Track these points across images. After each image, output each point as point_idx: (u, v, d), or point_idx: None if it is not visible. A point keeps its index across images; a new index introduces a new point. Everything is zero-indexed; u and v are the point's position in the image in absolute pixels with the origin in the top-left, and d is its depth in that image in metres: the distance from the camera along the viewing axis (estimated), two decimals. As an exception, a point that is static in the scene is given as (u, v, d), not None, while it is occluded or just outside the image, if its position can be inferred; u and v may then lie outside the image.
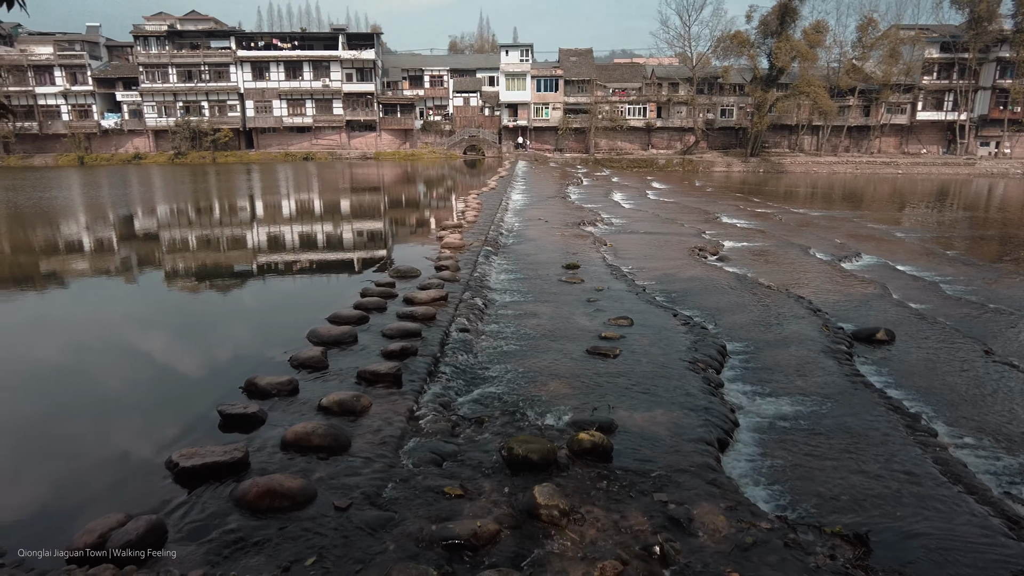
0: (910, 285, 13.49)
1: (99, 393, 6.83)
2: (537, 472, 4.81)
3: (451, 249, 12.92)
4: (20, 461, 5.35)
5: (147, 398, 6.59)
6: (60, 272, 13.76)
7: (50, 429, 5.89)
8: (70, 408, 6.38)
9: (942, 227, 24.69)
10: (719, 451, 5.49)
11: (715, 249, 15.54)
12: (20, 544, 3.99)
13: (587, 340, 8.13)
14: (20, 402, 6.60)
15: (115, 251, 16.43)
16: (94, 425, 5.95)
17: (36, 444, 5.62)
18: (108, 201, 28.19)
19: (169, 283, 12.90)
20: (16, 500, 4.70)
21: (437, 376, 6.68)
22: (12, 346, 8.59)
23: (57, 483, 4.95)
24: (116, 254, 16.03)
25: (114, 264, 14.84)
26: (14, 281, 12.98)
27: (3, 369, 7.65)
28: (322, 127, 59.62)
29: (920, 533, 4.55)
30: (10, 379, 7.29)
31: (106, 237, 18.76)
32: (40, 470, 5.16)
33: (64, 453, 5.40)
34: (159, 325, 9.63)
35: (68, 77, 57.02)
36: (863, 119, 60.68)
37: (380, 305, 8.80)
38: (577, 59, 62.39)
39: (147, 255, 16.07)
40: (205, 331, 9.25)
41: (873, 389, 7.17)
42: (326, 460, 4.91)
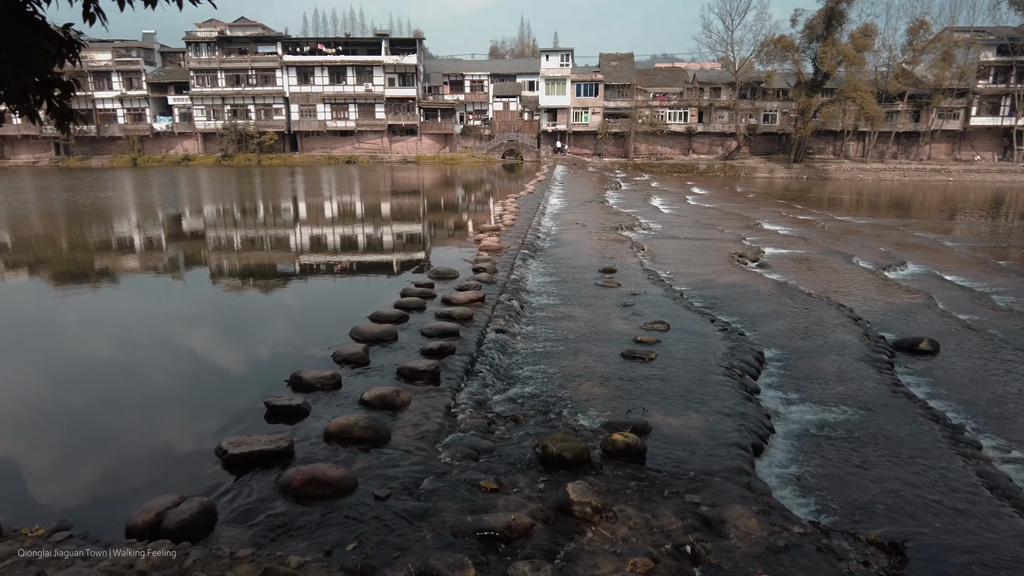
0: (958, 295, 13.15)
1: (154, 384, 7.16)
2: (570, 470, 4.90)
3: (488, 252, 13.09)
4: (84, 445, 5.67)
5: (198, 389, 6.91)
6: (118, 270, 14.38)
7: (110, 417, 6.23)
8: (128, 397, 6.72)
9: (995, 236, 23.87)
10: (753, 456, 5.49)
11: (755, 255, 15.37)
12: (84, 520, 4.26)
13: (623, 343, 8.18)
14: (83, 392, 6.97)
15: (169, 250, 17.07)
16: (150, 413, 6.26)
17: (98, 430, 5.96)
18: (160, 201, 29.24)
19: (219, 281, 13.38)
20: (80, 481, 5.00)
21: (474, 375, 6.82)
22: (77, 340, 9.06)
23: (116, 466, 5.24)
24: (170, 253, 16.65)
25: (168, 262, 15.43)
26: (75, 278, 13.61)
27: (68, 361, 8.08)
28: (364, 131, 60.65)
29: (959, 546, 4.50)
30: (74, 370, 7.70)
31: (159, 236, 19.49)
32: (102, 454, 5.47)
33: (123, 439, 5.72)
34: (210, 321, 10.03)
35: (124, 82, 59.28)
36: (912, 125, 58.99)
37: (419, 305, 8.99)
38: (618, 63, 62.18)
39: (198, 254, 16.66)
40: (253, 327, 9.59)
41: (914, 399, 7.05)
42: (367, 452, 5.08)
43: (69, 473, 5.14)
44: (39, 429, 6.04)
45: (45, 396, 6.86)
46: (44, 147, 60.56)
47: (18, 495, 4.82)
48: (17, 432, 5.94)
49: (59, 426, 6.11)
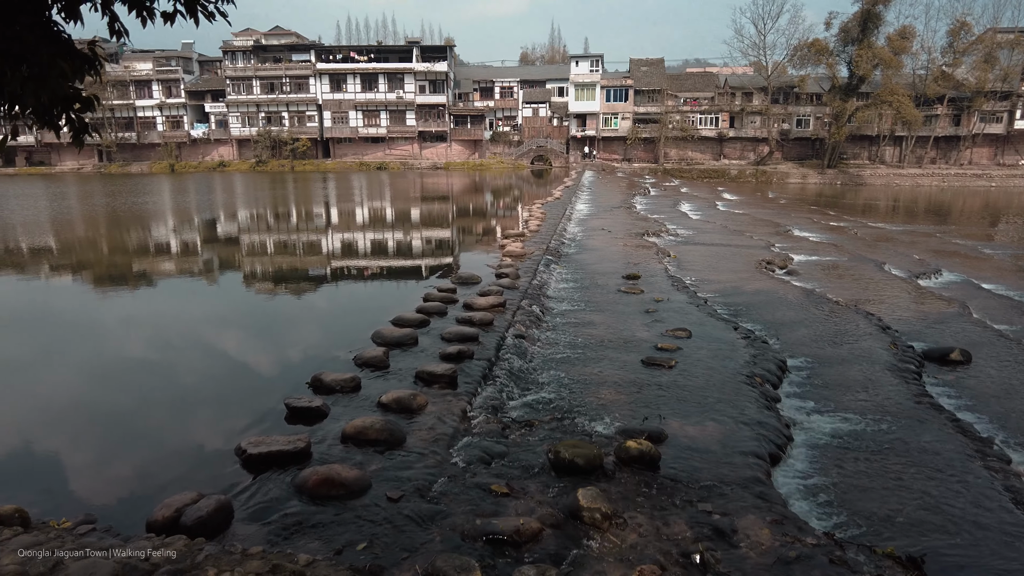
0: (995, 304, 12.77)
1: (180, 384, 7.37)
2: (583, 476, 4.90)
3: (512, 257, 13.14)
4: (110, 443, 5.87)
5: (224, 389, 7.09)
6: (153, 272, 14.81)
7: (141, 415, 6.44)
8: (157, 397, 6.92)
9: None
10: (770, 465, 5.43)
11: (783, 262, 15.15)
12: (108, 514, 4.42)
13: (643, 350, 8.14)
14: (116, 390, 7.22)
15: (202, 253, 17.51)
16: (178, 413, 6.45)
17: (129, 428, 6.16)
18: (193, 206, 30.00)
19: (248, 284, 13.70)
20: (109, 476, 5.18)
21: (491, 379, 6.86)
22: (112, 340, 9.37)
23: (140, 463, 5.41)
24: (203, 256, 17.09)
25: (201, 265, 15.84)
26: (109, 280, 14.04)
27: (103, 360, 8.36)
28: (395, 138, 61.35)
29: (981, 563, 4.39)
30: (109, 370, 7.96)
31: (191, 240, 19.99)
32: (127, 451, 5.66)
33: (151, 436, 5.91)
34: (238, 323, 10.28)
35: (164, 90, 60.98)
36: (952, 129, 57.48)
37: (441, 310, 9.08)
38: (648, 69, 61.90)
39: (227, 257, 17.05)
40: (278, 329, 9.80)
41: (941, 410, 6.88)
42: (382, 454, 5.16)
43: (99, 468, 5.32)
44: (74, 425, 6.27)
45: (81, 394, 7.12)
46: (88, 154, 62.53)
47: (51, 488, 5.01)
48: (53, 428, 6.17)
49: (92, 423, 6.34)
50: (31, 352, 8.54)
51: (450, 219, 25.95)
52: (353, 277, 14.22)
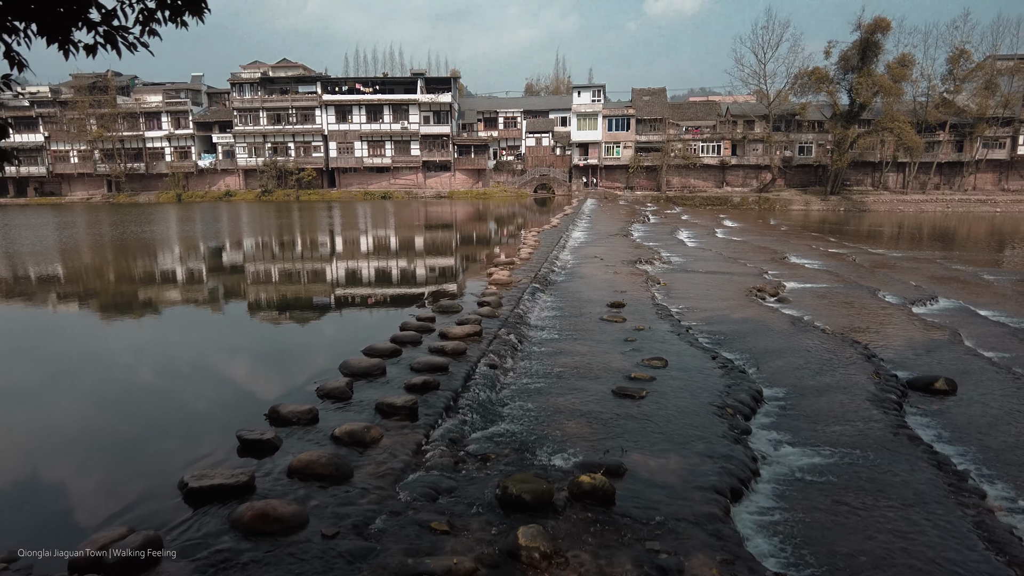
0: (989, 332, 12.53)
1: (134, 414, 7.27)
2: (530, 513, 4.74)
3: (497, 285, 13.06)
4: (52, 475, 5.76)
5: (178, 421, 6.98)
6: (126, 299, 14.83)
7: (84, 446, 6.34)
8: (105, 427, 6.84)
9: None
10: (730, 501, 5.23)
11: (775, 290, 14.98)
12: (33, 549, 4.29)
13: (616, 380, 7.99)
14: (61, 420, 7.13)
15: (184, 281, 17.57)
16: (124, 444, 6.34)
17: (70, 460, 6.05)
18: (188, 235, 30.25)
19: (223, 312, 13.74)
20: (41, 511, 5.05)
21: (455, 411, 6.72)
22: (63, 367, 9.32)
23: (81, 497, 5.29)
24: (183, 284, 17.14)
25: (179, 293, 15.88)
26: (79, 306, 14.08)
27: (52, 388, 8.28)
28: (400, 167, 61.99)
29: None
30: (56, 398, 7.88)
31: (178, 268, 20.08)
32: (69, 484, 5.54)
33: (93, 469, 5.79)
34: (204, 352, 10.23)
35: (172, 122, 62.08)
36: (955, 155, 57.51)
37: (415, 339, 8.98)
38: (650, 98, 62.48)
39: (211, 286, 17.10)
40: (246, 359, 9.74)
41: (919, 443, 6.67)
42: (326, 489, 5.02)
43: (36, 502, 5.20)
44: (16, 455, 6.17)
45: (29, 422, 7.02)
46: (97, 184, 63.51)
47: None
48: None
49: (36, 453, 6.24)
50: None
51: (442, 247, 26.01)
52: (333, 306, 14.19)
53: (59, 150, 62.82)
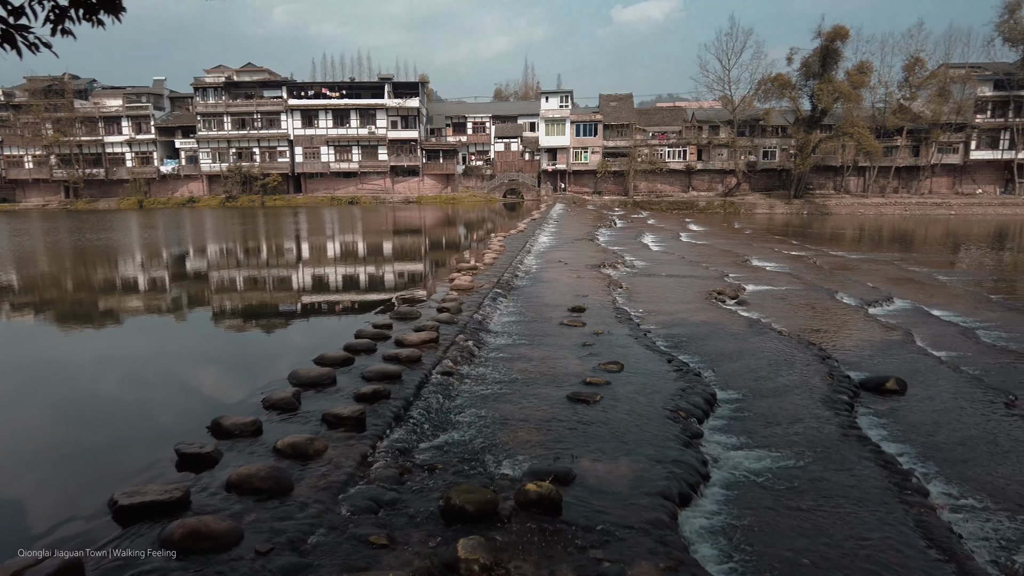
0: (941, 332, 12.81)
1: (68, 428, 7.00)
2: (474, 523, 4.64)
3: (459, 291, 12.95)
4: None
5: (116, 435, 6.73)
6: (67, 306, 14.37)
7: (8, 463, 6.05)
8: (35, 442, 6.56)
9: (991, 270, 23.52)
10: (678, 506, 5.21)
11: (735, 293, 15.14)
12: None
13: (571, 385, 7.94)
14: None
15: (131, 288, 17.11)
16: (54, 461, 6.08)
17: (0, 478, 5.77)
18: (144, 242, 29.57)
19: (173, 320, 13.48)
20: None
21: (405, 421, 6.60)
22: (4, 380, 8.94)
23: (8, 518, 5.04)
24: (130, 291, 16.68)
25: (125, 300, 15.47)
26: (13, 314, 13.60)
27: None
28: (367, 172, 61.49)
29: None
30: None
31: (127, 275, 19.56)
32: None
33: (16, 487, 5.53)
34: (148, 362, 9.94)
35: (134, 127, 60.71)
36: (912, 159, 59.10)
37: (369, 347, 8.82)
38: (617, 104, 63.02)
39: (161, 292, 16.70)
40: (193, 369, 9.49)
41: (867, 443, 6.74)
42: (263, 503, 4.86)
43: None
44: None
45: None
46: (54, 190, 61.78)
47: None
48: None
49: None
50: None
51: (405, 253, 25.81)
52: (287, 314, 13.94)
53: (13, 155, 60.93)
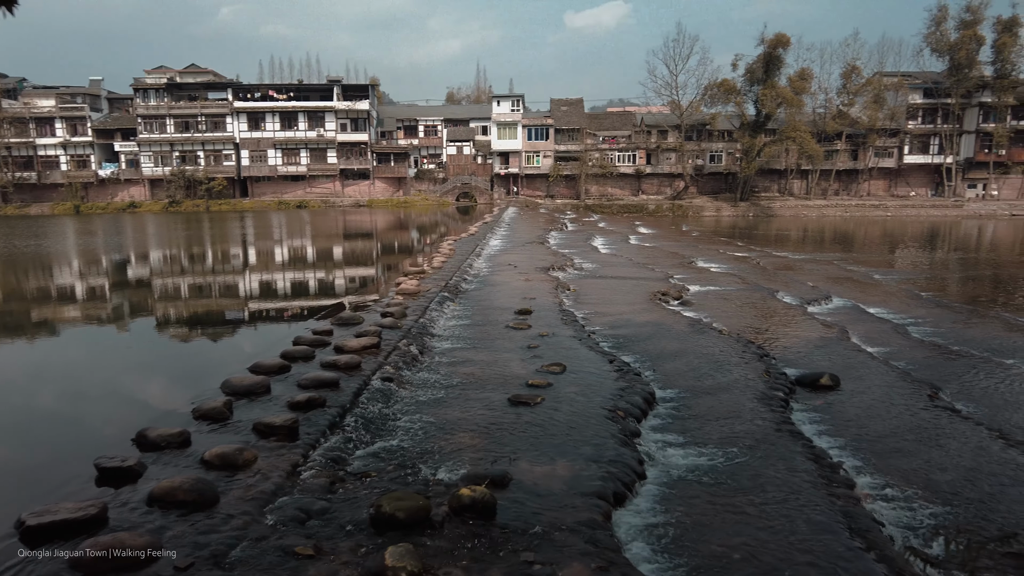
0: (874, 328, 13.28)
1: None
2: (405, 531, 4.56)
3: (404, 295, 12.81)
4: None
5: (32, 450, 6.39)
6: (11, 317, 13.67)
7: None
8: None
9: (922, 269, 24.58)
10: (613, 506, 5.23)
11: (678, 293, 15.40)
12: None
13: (514, 388, 7.92)
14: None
15: (56, 296, 16.37)
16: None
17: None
18: (75, 248, 28.37)
19: (99, 327, 12.98)
20: None
21: (340, 428, 6.46)
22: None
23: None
24: (55, 299, 15.96)
25: (49, 309, 14.75)
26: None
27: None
28: (316, 175, 60.45)
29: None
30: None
31: (52, 283, 18.73)
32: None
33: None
34: (79, 371, 9.55)
35: (68, 128, 58.22)
36: (852, 163, 61.42)
37: (307, 354, 8.63)
38: (568, 108, 63.60)
39: (88, 300, 16.02)
40: (124, 379, 9.12)
41: (800, 437, 6.92)
42: (186, 517, 4.67)
43: None
44: None
45: None
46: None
47: None
48: None
49: None
50: None
51: (351, 258, 25.44)
52: (224, 321, 13.53)
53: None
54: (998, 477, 6.22)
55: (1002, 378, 9.87)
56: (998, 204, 56.45)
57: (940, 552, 5.04)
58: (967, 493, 5.94)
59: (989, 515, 5.53)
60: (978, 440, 7.09)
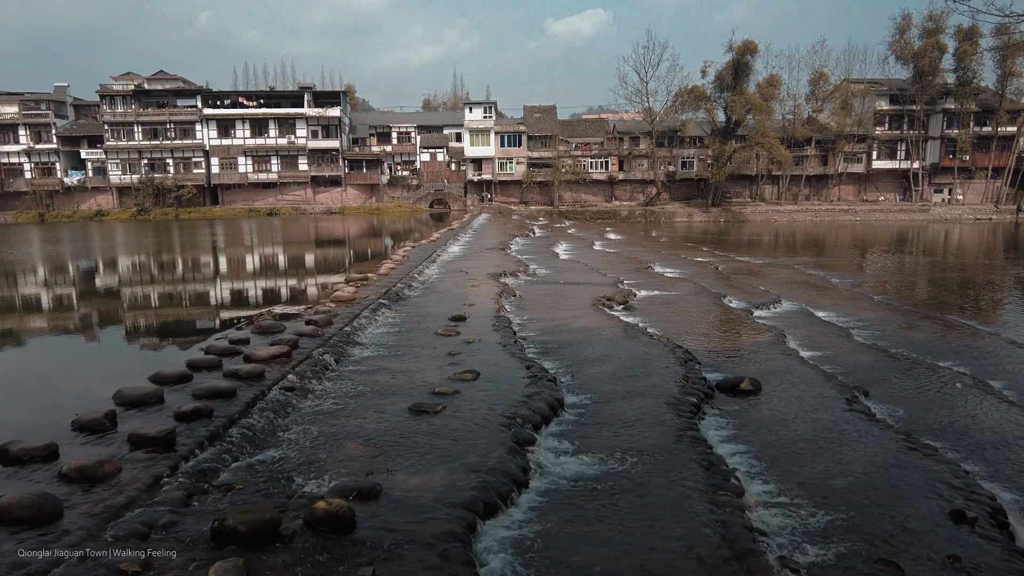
0: (816, 332, 13.28)
1: None
2: (248, 545, 4.38)
3: (338, 303, 12.60)
4: None
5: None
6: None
7: None
8: None
9: (881, 273, 24.81)
10: (481, 517, 5.08)
11: (624, 299, 15.34)
12: None
13: (420, 396, 7.77)
14: None
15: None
16: None
17: None
18: (29, 256, 27.82)
19: (21, 334, 12.59)
20: None
21: (221, 439, 6.25)
22: None
23: None
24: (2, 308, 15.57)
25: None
26: None
27: None
28: (287, 183, 59.95)
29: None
30: None
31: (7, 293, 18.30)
32: None
33: None
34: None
35: (32, 136, 57.23)
36: (821, 168, 62.14)
37: (214, 363, 8.41)
38: (541, 115, 63.74)
39: (27, 306, 15.62)
40: (13, 388, 8.84)
41: (700, 444, 6.81)
42: (17, 534, 4.45)
43: None
44: None
45: None
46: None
47: None
48: None
49: None
50: None
51: (299, 265, 25.17)
52: (144, 329, 13.30)
53: None
54: (893, 482, 6.15)
55: (930, 381, 9.89)
56: (963, 208, 57.40)
57: (815, 559, 4.95)
58: (857, 499, 5.86)
59: (873, 521, 5.45)
60: (883, 444, 7.02)
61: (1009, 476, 6.86)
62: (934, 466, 6.51)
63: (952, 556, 4.96)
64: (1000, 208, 57.14)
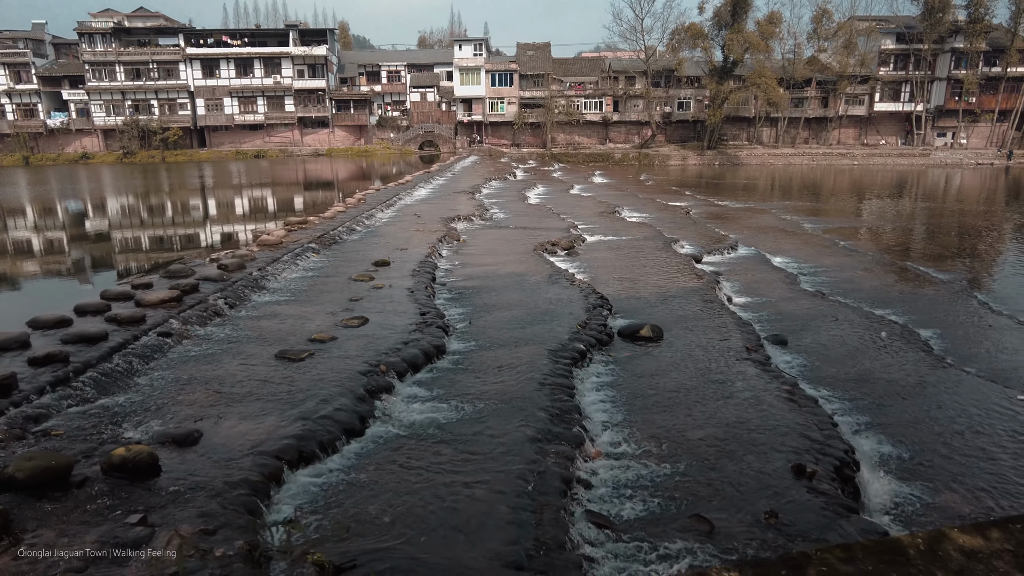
0: (760, 279, 13.06)
1: None
2: (28, 492, 4.35)
3: (262, 247, 12.43)
4: None
5: None
6: None
7: None
8: None
9: (859, 218, 24.35)
10: (291, 467, 5.02)
11: (569, 244, 15.08)
12: None
13: (296, 343, 7.67)
14: None
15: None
16: None
17: None
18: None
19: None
20: None
21: (69, 385, 6.19)
22: None
23: None
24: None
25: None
26: None
27: None
28: (274, 124, 58.94)
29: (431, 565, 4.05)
30: None
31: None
32: None
33: None
34: None
35: (11, 75, 56.13)
36: (822, 110, 60.41)
37: (102, 307, 8.30)
38: (534, 53, 61.83)
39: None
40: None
41: (562, 392, 6.68)
42: None
43: None
44: None
45: None
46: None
47: None
48: None
49: None
50: None
51: (257, 209, 24.94)
52: (63, 272, 13.20)
53: None
54: (749, 435, 6.01)
55: (855, 330, 9.71)
56: (964, 153, 55.93)
57: (629, 513, 4.87)
58: (704, 452, 5.75)
59: (708, 475, 5.34)
60: (760, 397, 6.86)
61: (882, 427, 6.76)
62: (801, 419, 6.38)
63: (770, 512, 4.87)
64: (1002, 152, 55.70)
